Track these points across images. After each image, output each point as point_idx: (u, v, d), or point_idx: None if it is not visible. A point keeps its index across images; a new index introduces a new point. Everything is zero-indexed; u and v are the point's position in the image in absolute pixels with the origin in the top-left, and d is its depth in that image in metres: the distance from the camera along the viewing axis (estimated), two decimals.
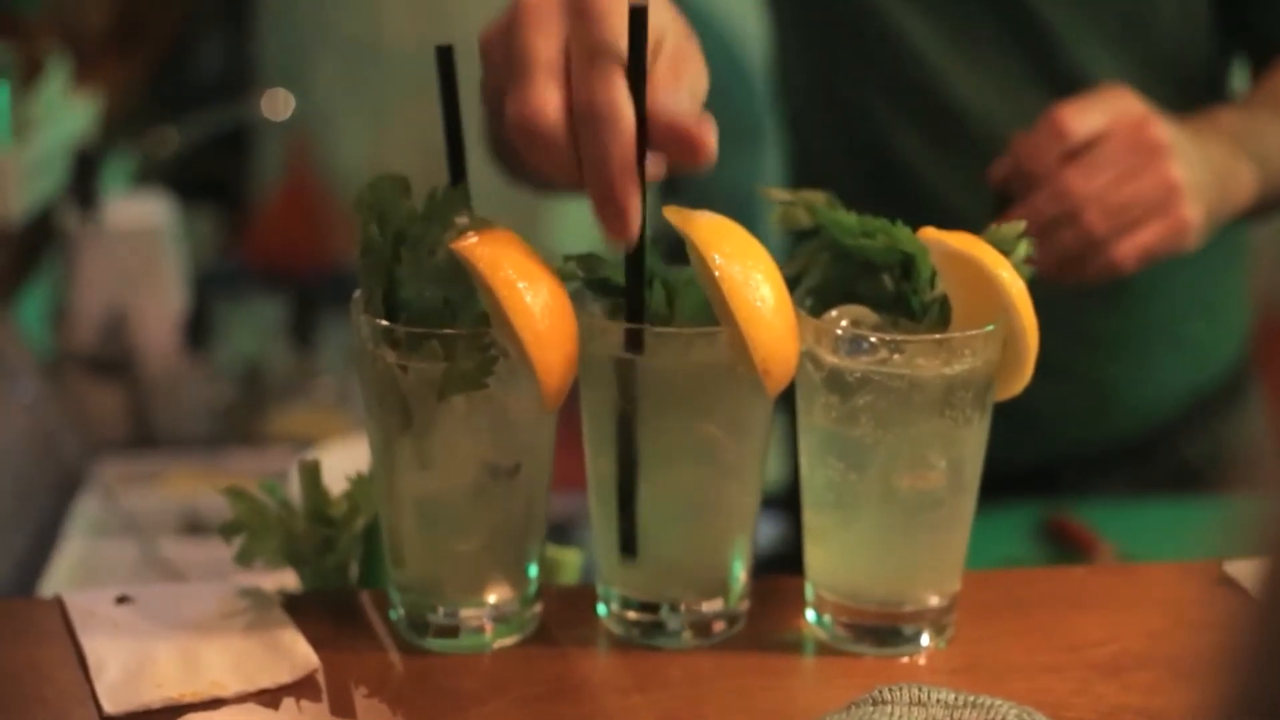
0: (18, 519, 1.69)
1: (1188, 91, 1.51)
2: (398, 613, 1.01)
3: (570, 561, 1.14)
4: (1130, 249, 1.23)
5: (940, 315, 0.98)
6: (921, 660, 1.00)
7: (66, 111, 2.27)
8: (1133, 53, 1.52)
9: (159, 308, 2.11)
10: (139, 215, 2.17)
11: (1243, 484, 1.73)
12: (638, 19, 0.90)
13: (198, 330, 2.09)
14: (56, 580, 1.57)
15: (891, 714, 0.86)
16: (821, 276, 1.00)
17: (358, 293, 0.96)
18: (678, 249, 0.96)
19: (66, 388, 2.01)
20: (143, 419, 2.01)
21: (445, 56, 0.98)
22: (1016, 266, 0.98)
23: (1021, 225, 1.00)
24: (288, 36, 3.17)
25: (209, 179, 3.05)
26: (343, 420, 2.04)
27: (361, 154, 3.14)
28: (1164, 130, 1.25)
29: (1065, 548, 1.67)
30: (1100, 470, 1.69)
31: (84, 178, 2.09)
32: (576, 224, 3.21)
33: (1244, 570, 1.08)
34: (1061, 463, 1.70)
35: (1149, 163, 1.23)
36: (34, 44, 2.25)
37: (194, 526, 1.71)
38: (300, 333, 2.15)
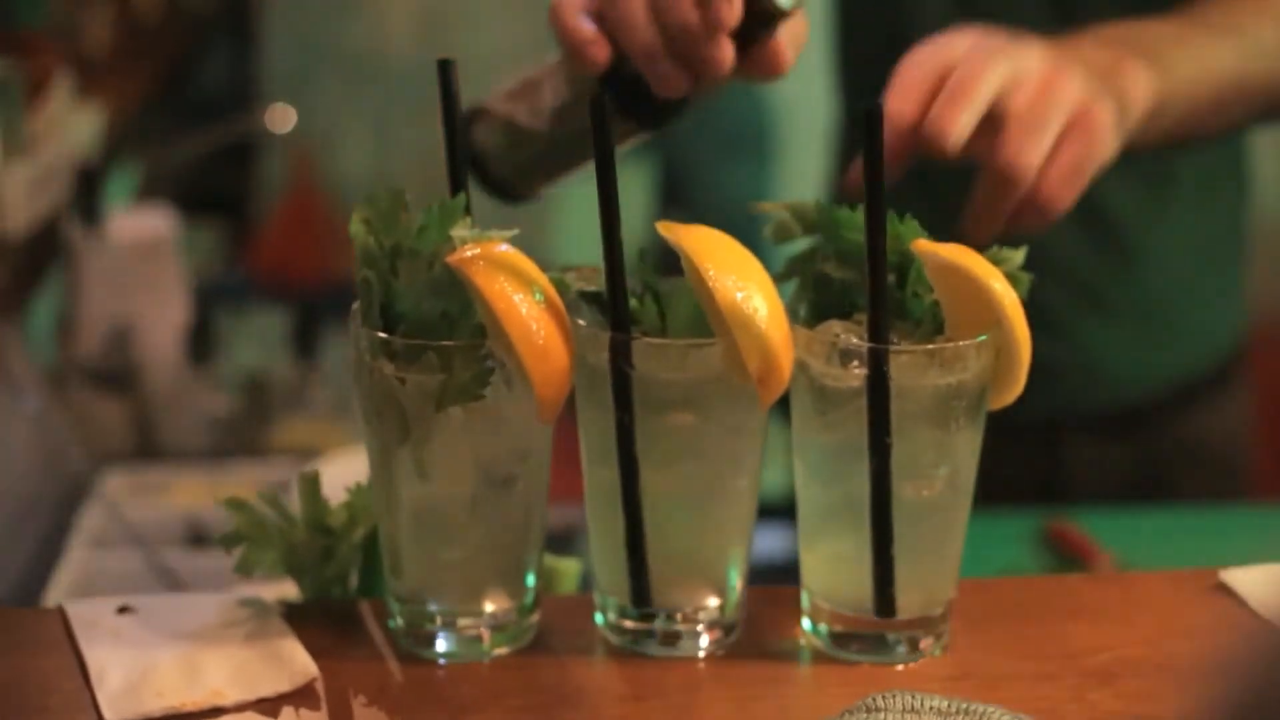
0: (22, 530, 1.70)
1: None
2: (396, 622, 1.01)
3: (569, 571, 1.14)
4: (1056, 176, 1.13)
5: (933, 324, 0.99)
6: (916, 668, 1.01)
7: (71, 125, 2.28)
8: None
9: (162, 320, 2.11)
10: (143, 228, 2.18)
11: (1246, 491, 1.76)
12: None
13: (201, 342, 2.10)
14: (60, 591, 1.58)
15: None
16: (815, 284, 1.01)
17: (356, 305, 0.97)
18: (671, 261, 0.97)
19: (70, 399, 2.02)
20: (146, 430, 2.02)
21: (446, 70, 0.99)
22: (1011, 276, 0.99)
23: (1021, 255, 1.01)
24: (291, 51, 3.19)
25: (212, 192, 3.06)
26: (344, 432, 2.04)
27: (364, 167, 3.15)
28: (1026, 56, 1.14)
29: (1064, 556, 1.67)
30: (1093, 437, 1.72)
31: (88, 191, 2.10)
32: (573, 236, 3.22)
33: (1239, 579, 1.09)
34: (1054, 425, 1.73)
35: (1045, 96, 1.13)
36: (39, 58, 2.26)
37: (197, 537, 1.72)
38: (302, 345, 2.15)
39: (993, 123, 1.10)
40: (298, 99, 3.02)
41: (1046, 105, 1.11)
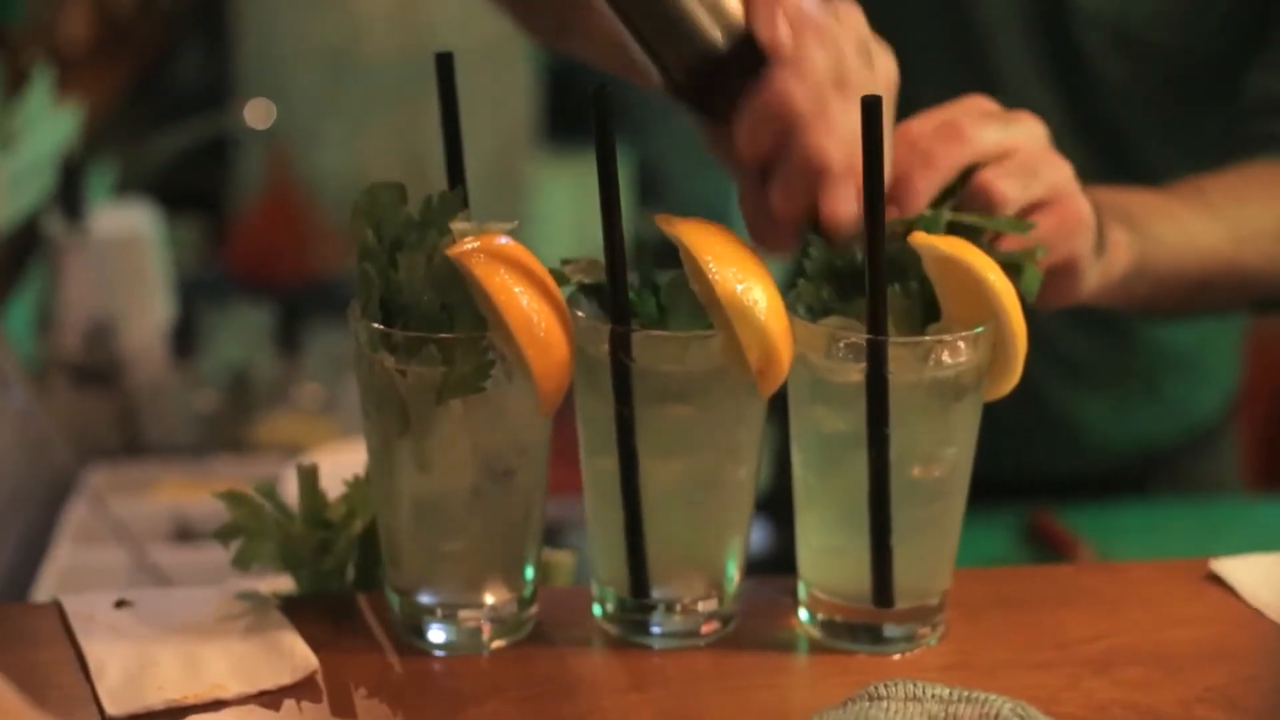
0: (7, 526, 1.69)
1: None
2: (395, 614, 1.02)
3: (563, 564, 1.15)
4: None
5: (924, 302, 1.00)
6: (914, 658, 1.01)
7: (50, 121, 2.27)
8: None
9: (144, 316, 2.11)
10: (124, 224, 2.17)
11: None
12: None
13: (183, 338, 2.09)
14: (47, 587, 1.58)
15: (888, 709, 0.88)
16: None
17: (355, 298, 0.97)
18: (668, 253, 0.98)
19: (54, 396, 2.01)
20: (131, 426, 2.01)
21: (445, 63, 0.99)
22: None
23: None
24: (268, 46, 3.18)
25: (191, 188, 3.05)
26: (329, 427, 2.04)
27: (341, 162, 3.15)
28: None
29: (1046, 550, 1.68)
30: (1071, 491, 1.71)
31: (69, 187, 2.10)
32: (572, 227, 3.23)
33: (1230, 568, 1.10)
34: (1032, 481, 1.70)
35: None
36: (18, 55, 2.26)
37: (183, 533, 1.72)
38: (285, 340, 2.15)
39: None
40: (275, 94, 3.02)
41: (1031, 164, 1.05)
